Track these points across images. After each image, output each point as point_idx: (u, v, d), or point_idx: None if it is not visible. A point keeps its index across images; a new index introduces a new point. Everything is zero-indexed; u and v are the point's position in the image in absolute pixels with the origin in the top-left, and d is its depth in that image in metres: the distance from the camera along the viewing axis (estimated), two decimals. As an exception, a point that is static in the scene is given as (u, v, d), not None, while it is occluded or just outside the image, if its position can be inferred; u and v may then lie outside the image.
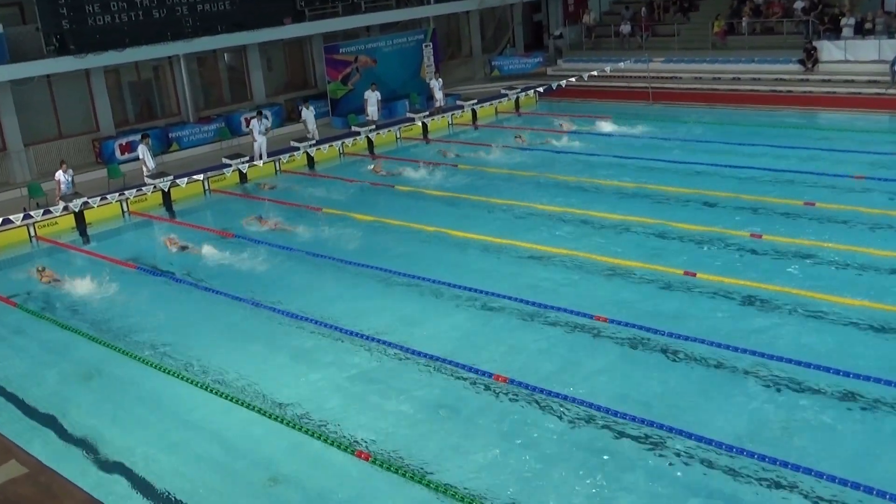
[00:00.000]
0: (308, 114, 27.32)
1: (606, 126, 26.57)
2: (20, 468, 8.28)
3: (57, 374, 13.47)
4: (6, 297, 16.67)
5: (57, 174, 21.87)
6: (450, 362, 12.37)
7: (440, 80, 30.36)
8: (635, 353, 12.36)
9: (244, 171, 23.69)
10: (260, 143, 25.46)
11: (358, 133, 26.77)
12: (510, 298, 14.32)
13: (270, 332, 14.10)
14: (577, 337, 13.00)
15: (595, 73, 28.74)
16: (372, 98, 28.89)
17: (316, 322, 14.10)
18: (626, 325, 13.00)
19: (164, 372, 12.91)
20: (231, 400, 11.87)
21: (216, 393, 12.09)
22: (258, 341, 13.82)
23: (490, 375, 11.88)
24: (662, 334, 12.58)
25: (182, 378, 12.61)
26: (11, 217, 19.53)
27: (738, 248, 15.81)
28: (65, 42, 24.59)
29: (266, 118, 26.24)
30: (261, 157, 24.94)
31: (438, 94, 29.96)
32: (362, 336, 13.47)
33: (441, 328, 13.73)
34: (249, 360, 13.17)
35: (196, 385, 12.42)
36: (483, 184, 21.53)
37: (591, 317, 13.35)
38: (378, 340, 13.27)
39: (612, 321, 13.14)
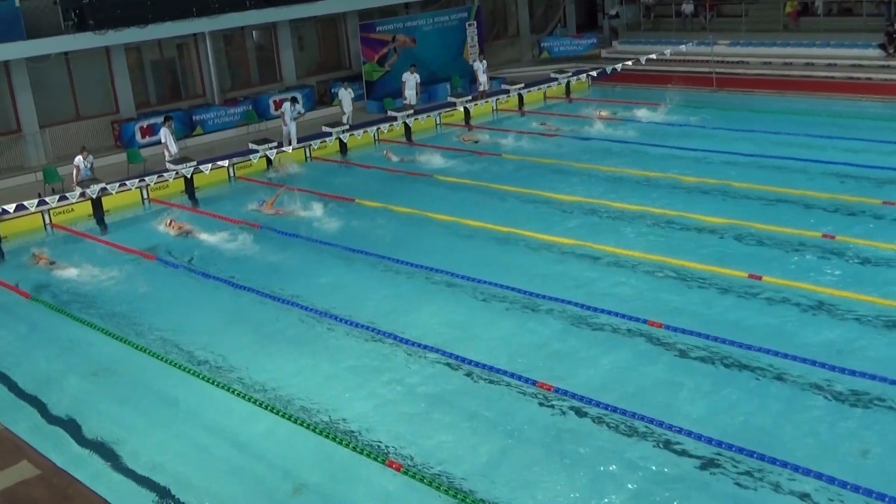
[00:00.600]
0: (345, 94, 27.51)
1: (664, 114, 26.38)
2: (33, 469, 8.45)
3: (70, 370, 13.69)
4: (17, 286, 16.98)
5: (76, 159, 22.21)
6: (492, 368, 12.38)
7: (484, 62, 30.34)
8: (693, 364, 12.27)
9: (272, 158, 23.89)
10: (290, 128, 25.67)
11: (394, 118, 26.85)
12: (557, 300, 14.30)
13: (297, 331, 14.22)
14: (630, 343, 12.96)
15: (654, 56, 28.52)
16: (410, 81, 28.96)
17: (347, 322, 14.18)
18: (684, 331, 12.91)
19: (183, 370, 13.07)
20: (254, 402, 11.98)
21: (238, 395, 12.22)
22: (284, 340, 13.95)
23: (534, 383, 11.88)
24: (723, 342, 12.49)
25: (203, 378, 12.76)
26: (26, 203, 19.88)
27: (809, 249, 15.63)
28: (84, 17, 24.95)
29: (299, 103, 26.42)
30: (290, 144, 25.15)
31: (482, 78, 29.95)
32: (396, 338, 13.53)
33: (481, 330, 13.77)
34: (274, 360, 13.30)
35: (217, 385, 12.56)
36: (526, 174, 21.51)
37: (644, 321, 13.29)
38: (414, 343, 13.32)
39: (668, 327, 13.07)
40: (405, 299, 15.14)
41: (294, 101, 26.20)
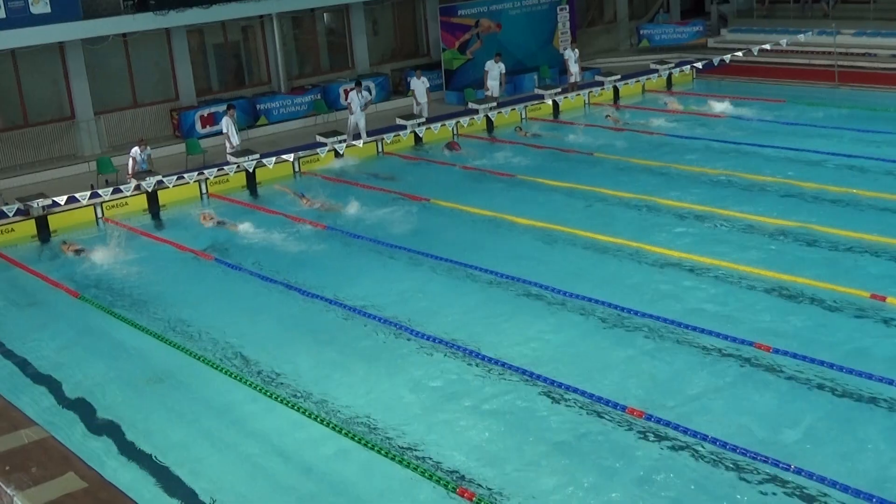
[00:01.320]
0: (419, 84, 27.69)
1: (777, 112, 25.96)
2: (79, 482, 8.65)
3: (121, 377, 14.00)
4: (66, 285, 17.47)
5: (133, 150, 22.77)
6: (574, 389, 12.31)
7: (576, 50, 30.24)
8: (808, 394, 12.03)
9: (341, 152, 24.14)
10: (357, 118, 25.90)
11: (475, 111, 26.93)
12: (653, 317, 14.18)
13: (366, 343, 14.33)
14: (734, 368, 12.76)
15: (768, 46, 28.12)
16: (494, 70, 29.00)
17: (421, 335, 14.24)
18: (795, 356, 12.68)
19: (243, 383, 13.26)
20: (322, 422, 12.07)
21: (305, 412, 12.34)
22: (352, 352, 14.07)
23: (623, 408, 11.78)
24: (840, 370, 12.22)
25: (266, 393, 12.89)
26: (77, 195, 20.45)
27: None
28: (144, -4, 25.61)
29: (367, 91, 26.66)
30: (358, 136, 25.37)
31: (574, 68, 29.87)
32: (475, 354, 13.56)
33: (564, 348, 13.73)
34: (340, 374, 13.41)
35: (282, 402, 12.69)
36: (621, 175, 21.38)
37: (750, 344, 13.10)
38: (494, 361, 13.32)
39: (777, 351, 12.85)
40: (485, 311, 15.15)
41: (360, 86, 26.39)
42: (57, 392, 13.66)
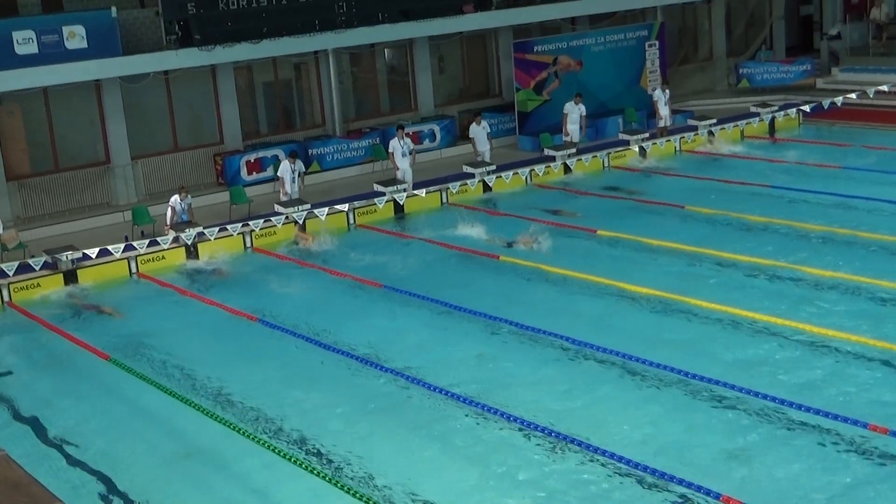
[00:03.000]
0: (478, 131, 27.65)
1: (893, 161, 25.66)
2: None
3: (150, 448, 14.16)
4: (94, 346, 17.77)
5: (172, 199, 23.18)
6: (655, 472, 12.21)
7: (667, 91, 30.25)
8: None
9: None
10: (404, 169, 25.98)
11: (552, 158, 27.00)
12: (743, 391, 14.08)
13: (426, 418, 14.38)
14: (841, 456, 12.54)
15: (885, 88, 27.87)
16: (575, 113, 29.07)
17: (489, 409, 14.25)
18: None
19: (288, 460, 13.31)
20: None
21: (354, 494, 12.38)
22: (407, 429, 14.10)
23: (718, 496, 11.62)
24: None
25: (318, 474, 12.90)
26: (110, 248, 20.83)
27: None
28: (189, 31, 26.20)
29: (407, 136, 26.71)
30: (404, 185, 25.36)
31: (664, 111, 29.85)
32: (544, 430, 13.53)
33: (631, 422, 13.73)
34: (402, 457, 13.42)
35: (340, 487, 12.75)
36: (709, 229, 21.30)
37: (864, 426, 12.89)
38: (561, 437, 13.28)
39: (894, 434, 12.62)
40: (562, 381, 15.20)
41: (402, 129, 26.51)
42: (82, 465, 13.82)
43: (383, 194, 24.35)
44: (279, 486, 12.86)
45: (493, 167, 26.35)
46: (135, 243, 21.61)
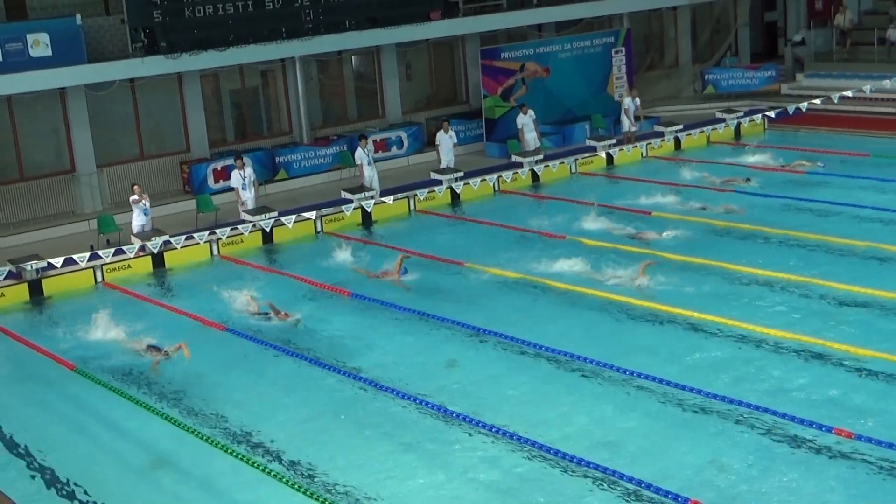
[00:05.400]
0: (445, 139, 27.65)
1: (860, 167, 25.86)
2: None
3: (118, 459, 14.11)
4: (60, 356, 17.64)
5: (132, 199, 23.13)
6: (651, 487, 12.25)
7: (636, 98, 30.33)
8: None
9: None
10: (370, 176, 26.06)
11: (520, 164, 27.06)
12: (708, 395, 14.20)
13: (404, 431, 14.36)
14: (805, 457, 12.65)
15: (849, 93, 28.07)
16: (529, 123, 29.16)
17: (477, 423, 14.26)
18: (880, 443, 12.53)
19: (259, 469, 13.28)
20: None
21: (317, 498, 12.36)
22: (387, 440, 14.08)
23: (686, 501, 11.67)
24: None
25: (291, 485, 12.86)
26: (75, 257, 20.70)
27: None
28: (155, 38, 26.10)
29: (370, 144, 26.77)
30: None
31: (631, 118, 30.00)
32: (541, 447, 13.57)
33: (611, 429, 13.76)
34: (380, 470, 13.34)
35: (298, 489, 12.73)
36: (691, 240, 21.40)
37: (829, 430, 12.99)
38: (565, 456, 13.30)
39: (859, 438, 12.72)
40: (540, 393, 15.21)
41: (364, 139, 26.62)
42: (46, 475, 13.73)
43: (351, 202, 24.35)
44: (245, 492, 12.84)
45: (461, 174, 26.38)
46: (100, 252, 21.48)
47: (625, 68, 33.46)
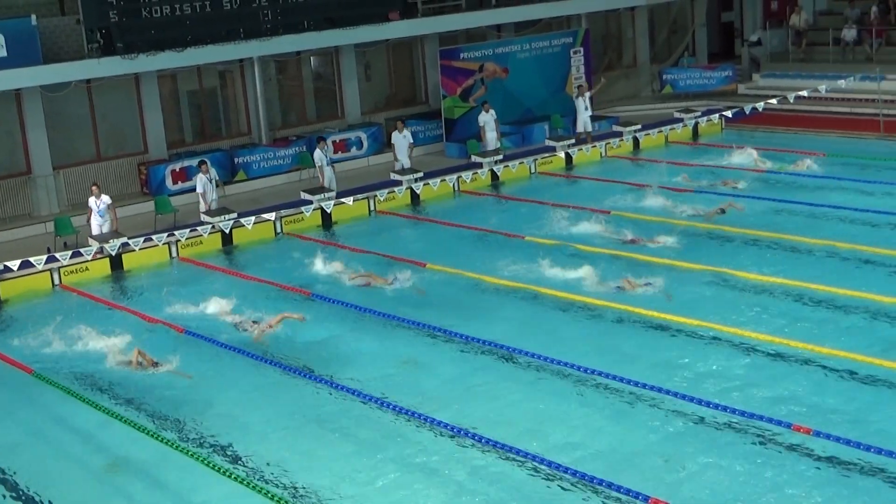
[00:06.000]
0: (399, 139, 27.68)
1: (814, 166, 26.11)
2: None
3: (78, 462, 14.02)
4: (17, 360, 17.50)
5: (90, 201, 22.99)
6: (583, 476, 12.33)
7: (587, 97, 30.50)
8: (857, 482, 12.01)
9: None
10: (329, 178, 26.12)
11: (479, 165, 27.09)
12: (669, 393, 14.28)
13: (365, 431, 14.37)
14: (767, 453, 12.76)
15: (805, 93, 28.35)
16: (490, 122, 29.24)
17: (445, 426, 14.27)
18: (839, 440, 12.70)
19: (217, 471, 13.26)
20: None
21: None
22: (353, 441, 14.09)
23: (646, 499, 11.75)
24: (890, 455, 12.24)
25: (251, 487, 12.86)
26: (32, 259, 20.51)
27: None
28: (111, 39, 25.91)
29: (328, 145, 26.77)
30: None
31: (584, 117, 30.18)
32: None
33: (582, 430, 13.83)
34: (342, 467, 13.36)
35: (254, 489, 12.70)
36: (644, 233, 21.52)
37: (788, 426, 13.11)
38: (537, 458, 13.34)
39: (817, 434, 12.86)
40: (485, 387, 15.26)
41: (323, 141, 26.65)
42: (5, 480, 13.65)
43: (310, 202, 24.31)
44: (203, 493, 12.84)
45: (421, 174, 26.39)
46: (57, 255, 21.31)
47: (583, 68, 33.59)
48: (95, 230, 22.96)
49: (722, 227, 21.69)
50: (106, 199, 23.18)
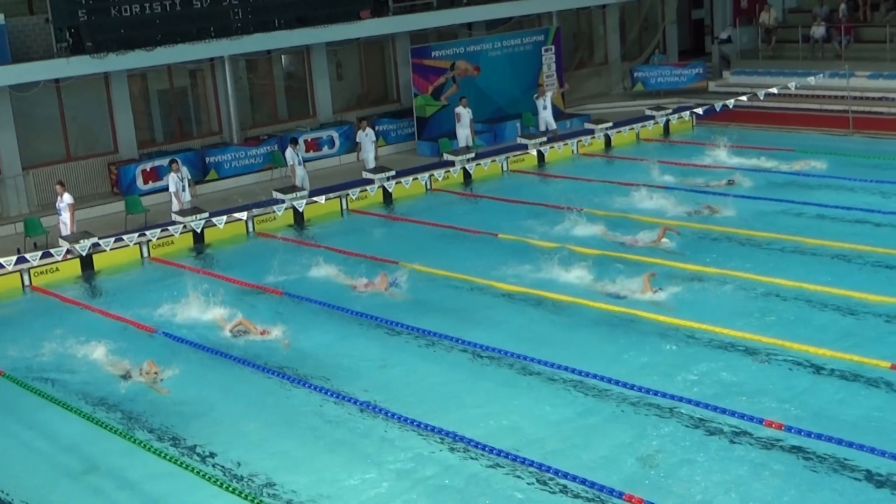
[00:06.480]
0: (363, 137, 27.73)
1: (784, 162, 26.27)
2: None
3: (48, 463, 13.99)
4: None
5: (58, 202, 22.84)
6: (566, 475, 12.36)
7: (547, 97, 30.65)
8: (824, 478, 12.09)
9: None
10: (301, 177, 26.13)
11: (451, 163, 27.11)
12: (636, 389, 14.40)
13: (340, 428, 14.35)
14: (739, 449, 12.86)
15: (775, 90, 28.51)
16: (465, 117, 29.29)
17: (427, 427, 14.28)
18: (809, 434, 12.79)
19: (189, 471, 13.24)
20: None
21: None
22: (332, 442, 14.09)
23: (620, 495, 11.80)
24: (860, 448, 12.33)
25: (231, 490, 12.81)
26: (2, 260, 20.36)
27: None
28: (80, 38, 25.77)
29: (300, 145, 26.79)
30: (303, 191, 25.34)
31: (544, 115, 30.40)
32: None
33: (553, 427, 13.87)
34: (319, 468, 13.36)
35: (226, 489, 12.69)
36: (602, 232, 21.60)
37: (760, 421, 13.21)
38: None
39: (789, 429, 12.96)
40: (459, 385, 15.28)
41: (295, 143, 26.68)
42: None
43: (282, 202, 24.26)
44: (180, 496, 12.80)
45: (393, 173, 26.38)
46: (27, 255, 21.17)
47: (555, 66, 33.64)
48: (62, 230, 22.84)
49: (695, 224, 21.76)
50: (67, 198, 23.00)
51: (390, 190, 25.52)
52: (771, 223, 21.50)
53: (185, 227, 22.72)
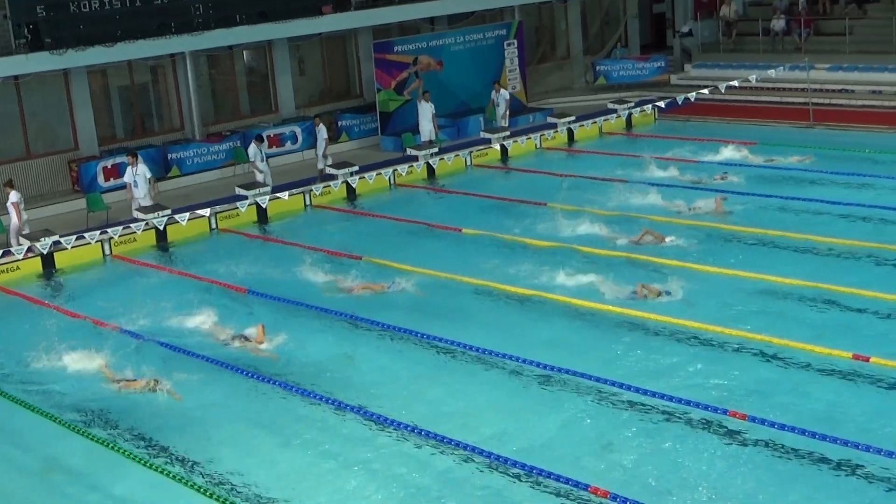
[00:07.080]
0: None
1: (746, 155, 26.42)
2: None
3: (9, 463, 13.89)
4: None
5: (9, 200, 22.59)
6: (523, 466, 12.38)
7: (505, 91, 30.73)
8: (787, 468, 12.19)
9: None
10: (264, 172, 26.02)
11: (415, 158, 27.10)
12: (603, 381, 14.44)
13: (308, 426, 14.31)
14: (703, 439, 12.92)
15: (736, 83, 28.66)
16: (427, 111, 29.28)
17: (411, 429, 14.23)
18: (773, 424, 12.88)
19: (157, 472, 13.17)
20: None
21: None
22: (300, 443, 14.03)
23: (586, 487, 11.83)
24: (822, 439, 12.44)
25: (192, 487, 12.76)
26: (-39, 259, 20.24)
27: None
28: (39, 34, 25.50)
29: (265, 143, 26.71)
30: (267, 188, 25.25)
31: (501, 111, 30.50)
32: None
33: (518, 420, 13.88)
34: (285, 463, 13.37)
35: (187, 485, 12.63)
36: (571, 225, 21.63)
37: (724, 412, 13.28)
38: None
39: (752, 419, 13.05)
40: (430, 379, 15.30)
41: (261, 140, 26.54)
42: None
43: (245, 198, 24.15)
44: (147, 496, 12.73)
45: (356, 168, 26.30)
46: (-13, 254, 21.05)
47: (517, 60, 33.69)
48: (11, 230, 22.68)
49: (672, 219, 21.75)
50: (13, 195, 22.71)
51: (354, 185, 25.46)
52: (745, 217, 21.61)
53: (147, 224, 22.55)
